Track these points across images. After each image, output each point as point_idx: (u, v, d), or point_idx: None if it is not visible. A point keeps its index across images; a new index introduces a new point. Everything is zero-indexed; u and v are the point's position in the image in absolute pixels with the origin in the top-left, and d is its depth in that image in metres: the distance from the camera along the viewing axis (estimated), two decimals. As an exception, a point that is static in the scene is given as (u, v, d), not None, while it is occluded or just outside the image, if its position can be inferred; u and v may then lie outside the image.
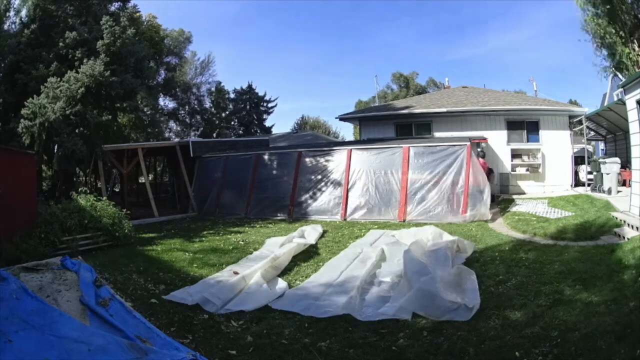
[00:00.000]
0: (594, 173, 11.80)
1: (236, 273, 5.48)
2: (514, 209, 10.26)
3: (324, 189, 11.04)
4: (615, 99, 14.49)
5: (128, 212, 8.51)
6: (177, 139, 25.34)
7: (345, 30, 66.86)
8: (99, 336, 2.89)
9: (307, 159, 11.76)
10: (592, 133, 16.55)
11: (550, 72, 61.30)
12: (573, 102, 25.86)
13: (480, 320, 3.83)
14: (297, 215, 10.91)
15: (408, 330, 3.71)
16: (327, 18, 65.24)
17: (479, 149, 11.66)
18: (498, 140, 13.59)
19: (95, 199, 8.11)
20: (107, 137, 13.35)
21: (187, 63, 30.83)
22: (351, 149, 11.32)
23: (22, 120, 10.55)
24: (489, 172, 10.59)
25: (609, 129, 14.88)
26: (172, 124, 31.61)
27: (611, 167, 10.51)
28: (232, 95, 34.47)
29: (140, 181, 20.63)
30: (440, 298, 4.04)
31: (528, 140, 13.81)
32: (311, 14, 64.95)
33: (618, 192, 10.38)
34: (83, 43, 11.96)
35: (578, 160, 14.38)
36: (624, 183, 11.49)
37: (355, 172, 10.83)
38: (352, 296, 4.41)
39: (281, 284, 5.16)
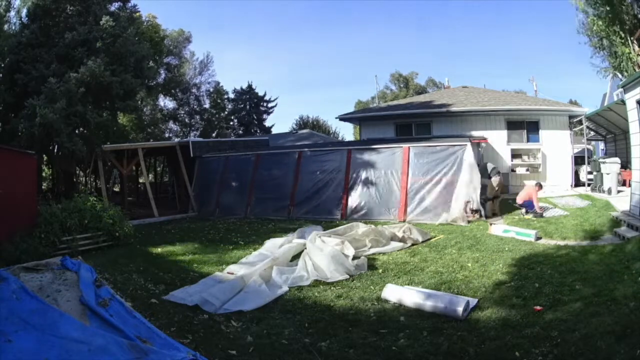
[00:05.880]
0: (594, 173, 11.80)
1: (230, 273, 5.53)
2: (513, 209, 10.24)
3: (324, 189, 11.03)
4: (615, 99, 14.51)
5: (128, 212, 8.51)
6: (177, 139, 25.33)
7: (345, 30, 66.93)
8: (99, 336, 2.89)
9: (307, 159, 11.75)
10: (592, 133, 16.55)
11: (551, 72, 61.41)
12: (573, 102, 25.90)
13: (480, 320, 3.84)
14: (297, 215, 10.91)
15: (408, 331, 3.71)
16: (327, 17, 65.29)
17: (479, 149, 11.65)
18: (498, 140, 13.60)
19: (95, 199, 8.12)
20: (107, 137, 13.37)
21: (186, 63, 30.80)
22: (351, 149, 11.31)
23: (22, 120, 10.54)
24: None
25: (609, 129, 14.88)
26: (172, 124, 31.60)
27: (611, 167, 10.51)
28: (231, 95, 34.47)
29: (140, 181, 20.64)
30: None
31: (528, 140, 13.81)
32: (311, 13, 65.03)
33: (618, 192, 10.38)
34: (83, 43, 11.95)
35: (578, 160, 14.38)
36: (624, 183, 11.49)
37: (355, 172, 10.83)
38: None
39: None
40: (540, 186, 9.74)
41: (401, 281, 5.12)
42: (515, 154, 13.65)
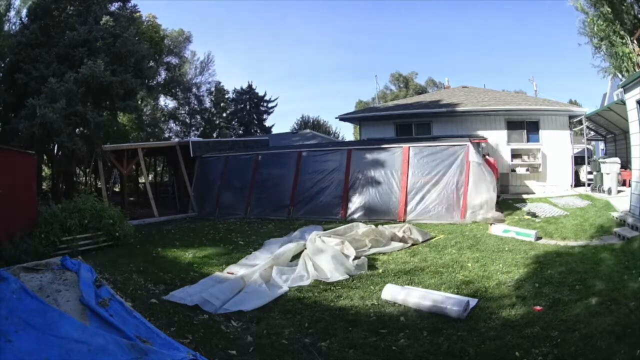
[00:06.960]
0: (594, 173, 11.80)
1: (230, 273, 5.54)
2: (513, 209, 10.24)
3: (324, 189, 11.02)
4: (615, 99, 14.51)
5: (128, 212, 8.50)
6: (177, 139, 25.32)
7: (347, 29, 66.98)
8: (99, 336, 2.89)
9: (307, 159, 11.75)
10: (592, 133, 16.56)
11: (551, 72, 61.43)
12: (573, 102, 25.91)
13: (480, 320, 3.84)
14: (297, 215, 10.90)
15: (408, 331, 3.71)
16: (328, 17, 65.35)
17: (479, 148, 11.66)
18: (498, 140, 13.60)
19: (95, 199, 8.12)
20: (107, 137, 13.36)
21: (186, 63, 30.78)
22: (351, 149, 11.31)
23: (22, 120, 10.52)
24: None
25: (608, 129, 14.89)
26: (172, 124, 31.60)
27: (611, 167, 10.51)
28: (232, 95, 34.43)
29: (140, 181, 20.64)
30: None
31: (528, 140, 13.81)
32: (312, 13, 65.10)
33: (618, 192, 10.38)
34: (83, 43, 11.93)
35: (578, 160, 14.38)
36: (624, 183, 11.49)
37: (355, 172, 10.82)
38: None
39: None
40: None
41: (401, 281, 5.12)
42: (515, 154, 13.65)
